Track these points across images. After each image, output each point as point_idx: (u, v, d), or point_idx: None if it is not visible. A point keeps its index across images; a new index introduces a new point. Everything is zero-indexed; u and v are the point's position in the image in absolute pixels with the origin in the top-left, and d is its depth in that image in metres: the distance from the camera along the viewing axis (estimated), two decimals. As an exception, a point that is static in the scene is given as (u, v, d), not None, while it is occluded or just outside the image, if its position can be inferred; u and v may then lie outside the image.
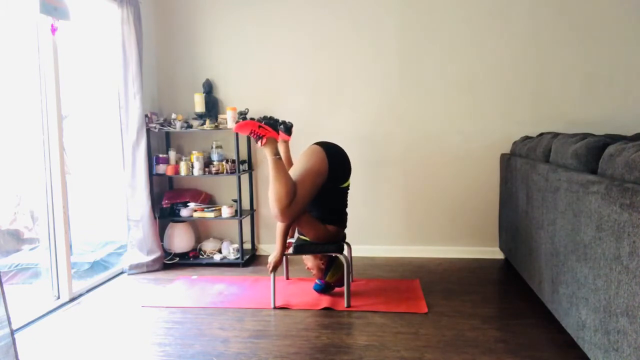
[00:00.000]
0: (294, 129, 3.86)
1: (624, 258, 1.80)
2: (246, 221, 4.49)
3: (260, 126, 3.03)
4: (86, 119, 4.03)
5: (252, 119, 3.04)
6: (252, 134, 3.04)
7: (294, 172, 3.11)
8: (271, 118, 3.12)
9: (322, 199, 3.20)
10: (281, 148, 3.56)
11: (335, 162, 3.15)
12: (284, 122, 3.58)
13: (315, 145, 3.21)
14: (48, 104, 3.26)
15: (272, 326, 2.91)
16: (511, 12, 4.09)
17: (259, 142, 3.05)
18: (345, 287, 3.22)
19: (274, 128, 3.08)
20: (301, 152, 3.29)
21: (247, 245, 4.51)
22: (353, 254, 4.10)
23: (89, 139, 4.07)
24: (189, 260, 4.25)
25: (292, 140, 3.94)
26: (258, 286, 3.61)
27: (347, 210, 3.39)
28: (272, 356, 2.52)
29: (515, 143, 3.84)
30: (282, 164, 3.02)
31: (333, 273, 3.30)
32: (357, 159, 4.11)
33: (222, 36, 4.44)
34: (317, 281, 3.40)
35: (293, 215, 3.03)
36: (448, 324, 2.87)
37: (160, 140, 4.52)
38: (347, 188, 3.34)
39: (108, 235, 4.27)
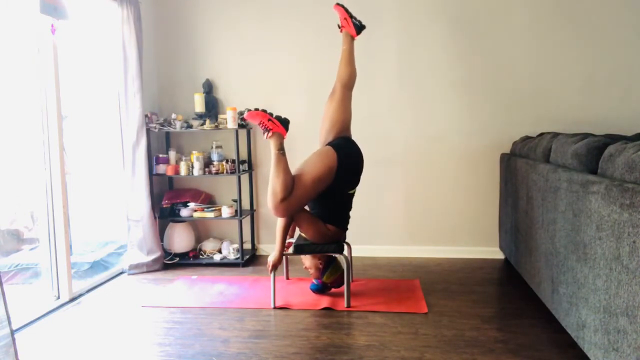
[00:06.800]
0: (293, 129, 3.85)
1: (624, 258, 1.80)
2: (246, 221, 4.49)
3: (270, 119, 3.08)
4: (86, 119, 4.02)
5: (263, 110, 3.07)
6: (261, 125, 3.09)
7: (299, 170, 3.12)
8: (285, 119, 3.14)
9: (325, 199, 3.20)
10: (347, 43, 3.44)
11: (344, 172, 3.14)
12: (359, 25, 3.47)
13: (332, 150, 3.16)
14: (48, 104, 3.26)
15: (272, 326, 2.91)
16: (512, 12, 4.09)
17: (265, 135, 3.09)
18: (345, 287, 3.22)
19: (284, 125, 3.11)
20: (316, 150, 3.26)
21: (247, 245, 4.51)
22: (353, 254, 4.10)
23: (89, 139, 4.07)
24: (189, 260, 4.26)
25: (292, 140, 3.94)
26: (258, 286, 3.61)
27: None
28: (272, 356, 2.52)
29: (515, 143, 3.84)
30: (284, 160, 3.05)
31: (331, 274, 3.30)
32: (357, 159, 4.11)
33: (222, 36, 4.44)
34: (313, 281, 3.40)
35: (287, 211, 3.06)
36: (448, 324, 2.87)
37: (160, 140, 4.52)
38: (354, 193, 3.34)
39: (108, 235, 4.27)
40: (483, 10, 4.12)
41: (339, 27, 3.51)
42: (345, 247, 3.52)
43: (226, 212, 4.21)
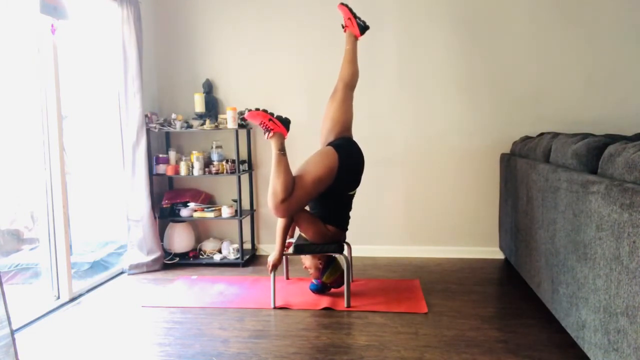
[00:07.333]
0: (293, 128, 3.85)
1: (624, 258, 1.80)
2: (246, 221, 4.49)
3: (270, 119, 3.07)
4: (86, 119, 4.03)
5: (264, 110, 3.07)
6: (262, 125, 3.08)
7: (300, 170, 3.12)
8: (286, 119, 3.14)
9: (326, 200, 3.20)
10: (350, 43, 3.44)
11: (345, 173, 3.13)
12: (363, 22, 3.48)
13: (333, 150, 3.15)
14: (48, 104, 3.26)
15: (272, 326, 2.91)
16: (511, 12, 4.09)
17: (266, 135, 3.09)
18: (345, 287, 3.22)
19: (285, 125, 3.11)
20: (317, 151, 3.25)
21: (247, 245, 4.51)
22: (353, 254, 4.10)
23: (89, 139, 4.07)
24: (189, 260, 4.26)
25: (293, 140, 3.94)
26: (258, 286, 3.62)
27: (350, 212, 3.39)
28: (272, 356, 2.52)
29: (515, 143, 3.84)
30: (285, 160, 3.05)
31: (330, 274, 3.30)
32: (357, 159, 4.11)
33: (222, 36, 4.44)
34: (313, 281, 3.40)
35: (288, 211, 3.06)
36: (448, 324, 2.87)
37: (160, 140, 4.52)
38: (354, 194, 3.34)
39: (108, 235, 4.27)
40: (483, 11, 4.12)
41: (343, 27, 3.52)
42: (345, 247, 3.52)
43: (226, 212, 4.21)
